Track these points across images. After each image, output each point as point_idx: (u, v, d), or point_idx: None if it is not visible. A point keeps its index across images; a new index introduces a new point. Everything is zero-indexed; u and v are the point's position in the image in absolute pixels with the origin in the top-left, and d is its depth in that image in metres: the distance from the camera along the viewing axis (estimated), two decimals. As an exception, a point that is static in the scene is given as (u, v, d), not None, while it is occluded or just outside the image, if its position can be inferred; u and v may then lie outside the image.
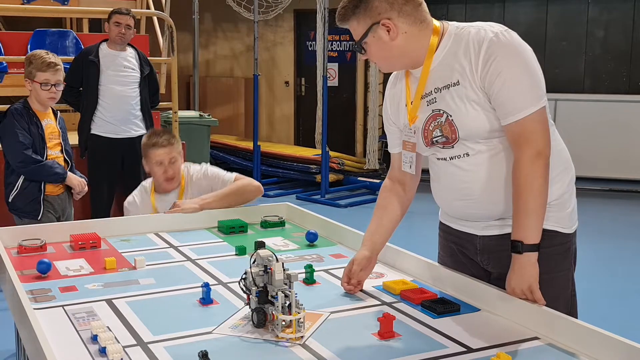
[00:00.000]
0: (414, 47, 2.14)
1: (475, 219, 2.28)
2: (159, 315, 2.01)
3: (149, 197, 3.43)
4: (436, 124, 2.17)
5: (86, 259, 2.55)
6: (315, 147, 9.63)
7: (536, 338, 1.85)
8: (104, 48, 5.35)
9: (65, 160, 3.95)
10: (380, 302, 2.12)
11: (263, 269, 1.93)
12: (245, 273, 1.96)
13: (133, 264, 2.47)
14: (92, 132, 5.29)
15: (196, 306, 2.08)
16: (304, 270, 2.31)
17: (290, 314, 1.85)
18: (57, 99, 3.87)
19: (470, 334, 1.87)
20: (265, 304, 1.90)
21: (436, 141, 2.18)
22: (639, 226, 7.26)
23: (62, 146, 3.93)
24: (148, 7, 7.37)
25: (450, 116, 2.13)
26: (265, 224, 3.04)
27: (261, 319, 1.89)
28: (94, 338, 1.79)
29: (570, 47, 9.26)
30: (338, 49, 10.62)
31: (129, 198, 3.47)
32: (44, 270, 2.35)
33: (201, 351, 1.65)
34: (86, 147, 5.35)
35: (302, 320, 1.85)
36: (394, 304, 2.10)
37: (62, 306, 2.07)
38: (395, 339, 1.84)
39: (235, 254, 2.62)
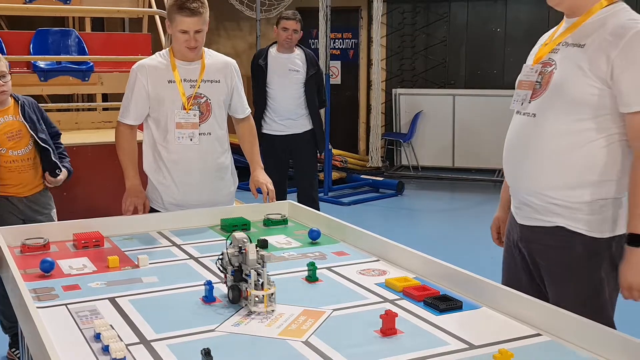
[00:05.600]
0: None
1: (512, 186, 2.49)
2: (162, 314, 2.01)
3: (168, 61, 3.28)
4: (542, 70, 2.35)
5: (89, 257, 2.55)
6: (318, 145, 9.62)
7: (538, 334, 1.86)
8: (272, 51, 5.77)
9: (45, 149, 3.67)
10: (382, 299, 2.12)
11: (238, 249, 2.08)
12: (222, 254, 2.12)
13: (136, 263, 2.47)
14: (263, 131, 5.67)
15: (199, 304, 2.09)
16: (306, 268, 2.31)
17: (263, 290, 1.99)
18: (8, 91, 3.59)
19: (472, 330, 1.88)
20: (240, 281, 2.05)
21: (535, 87, 2.36)
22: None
23: (31, 139, 3.64)
24: (150, 6, 7.36)
25: (556, 68, 2.30)
26: (268, 222, 3.05)
27: (236, 295, 2.05)
28: (97, 336, 1.79)
29: (572, 44, 9.23)
30: (340, 47, 10.62)
31: (139, 62, 3.33)
32: (47, 269, 2.35)
33: (204, 349, 1.65)
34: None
35: (273, 294, 2.01)
36: (396, 301, 2.10)
37: (65, 305, 2.08)
38: (398, 335, 1.84)
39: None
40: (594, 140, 2.25)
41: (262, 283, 2.00)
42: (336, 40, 10.53)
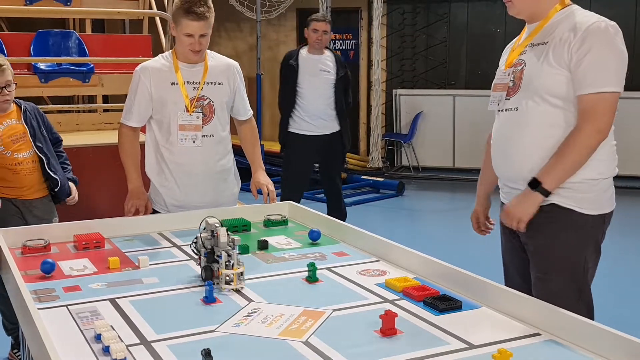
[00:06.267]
0: None
1: (501, 176, 2.70)
2: (162, 314, 2.02)
3: (171, 63, 3.27)
4: (514, 70, 2.59)
5: (90, 258, 2.56)
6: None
7: (537, 334, 1.86)
8: (303, 52, 5.87)
9: (40, 159, 3.67)
10: (382, 300, 2.13)
11: (210, 233, 2.25)
12: (196, 238, 2.30)
13: (136, 264, 2.48)
14: (290, 130, 5.80)
15: (199, 305, 2.09)
16: (306, 269, 2.31)
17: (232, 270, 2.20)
18: (11, 99, 3.63)
19: (471, 330, 1.88)
20: (212, 262, 2.24)
21: (509, 86, 2.59)
22: (642, 223, 7.26)
23: (31, 144, 3.66)
24: (150, 7, 7.38)
25: (525, 66, 2.53)
26: (268, 223, 3.05)
27: (208, 275, 2.23)
28: (98, 337, 1.80)
29: (573, 44, 9.23)
30: (341, 48, 10.62)
31: (142, 64, 3.31)
32: (48, 270, 2.36)
33: (204, 349, 1.66)
34: (284, 144, 5.90)
35: (242, 274, 2.21)
36: (396, 301, 2.11)
37: (66, 306, 2.08)
38: (397, 335, 1.85)
39: (238, 253, 2.62)
40: (572, 125, 2.46)
41: (232, 263, 2.20)
42: (336, 41, 10.53)
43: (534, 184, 2.47)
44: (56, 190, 3.75)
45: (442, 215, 7.89)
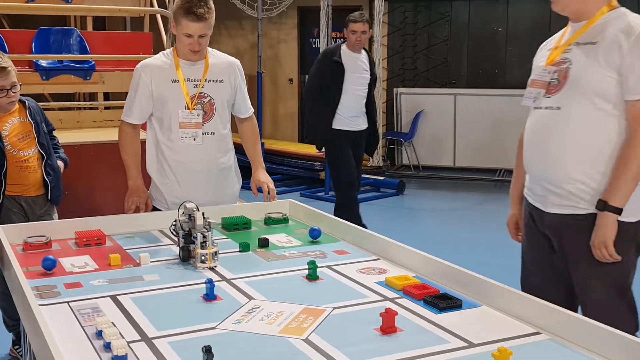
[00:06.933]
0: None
1: (534, 174, 2.64)
2: (163, 311, 2.02)
3: (172, 60, 3.28)
4: (557, 69, 2.54)
5: (91, 255, 2.57)
6: (319, 145, 9.62)
7: (537, 333, 1.87)
8: (344, 49, 5.89)
9: (41, 155, 3.67)
10: (382, 298, 2.13)
11: (188, 217, 2.46)
12: (175, 221, 2.51)
13: (137, 261, 2.48)
14: (334, 127, 5.83)
15: (200, 302, 2.10)
16: (307, 267, 2.32)
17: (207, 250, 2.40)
18: (16, 100, 3.64)
19: (471, 328, 1.88)
20: (190, 244, 2.45)
21: (550, 83, 2.55)
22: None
23: (36, 142, 3.66)
24: (151, 5, 7.38)
25: (571, 64, 2.49)
26: (269, 221, 3.06)
27: (186, 255, 2.46)
28: (99, 333, 1.81)
29: (574, 44, 9.23)
30: (342, 46, 10.61)
31: (143, 62, 3.32)
32: (49, 267, 2.36)
33: (205, 346, 1.66)
34: (324, 142, 5.97)
35: (216, 253, 2.42)
36: (396, 300, 2.11)
37: (67, 302, 2.09)
38: (398, 334, 1.85)
39: (239, 251, 2.63)
40: (618, 128, 2.43)
41: (208, 244, 2.40)
42: (337, 39, 10.52)
43: (602, 206, 2.42)
44: (50, 190, 3.73)
45: (443, 214, 7.89)
